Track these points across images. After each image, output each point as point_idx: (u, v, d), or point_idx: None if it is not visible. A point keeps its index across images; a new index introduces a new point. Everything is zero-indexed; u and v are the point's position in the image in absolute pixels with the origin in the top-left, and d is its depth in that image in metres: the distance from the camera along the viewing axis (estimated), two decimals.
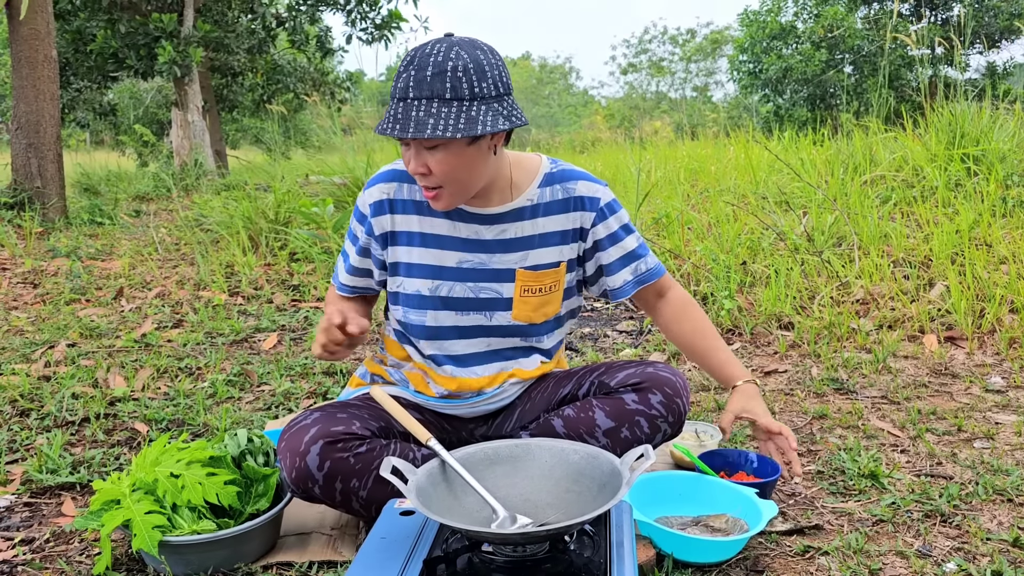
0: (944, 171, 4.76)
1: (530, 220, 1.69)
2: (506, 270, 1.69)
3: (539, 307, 1.71)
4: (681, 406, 1.65)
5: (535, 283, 1.70)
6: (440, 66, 1.44)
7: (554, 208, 1.70)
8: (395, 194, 1.71)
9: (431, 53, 1.46)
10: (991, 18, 17.38)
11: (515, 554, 1.27)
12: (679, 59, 41.64)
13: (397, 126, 1.45)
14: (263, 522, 1.59)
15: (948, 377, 2.77)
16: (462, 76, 1.45)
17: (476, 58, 1.47)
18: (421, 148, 1.50)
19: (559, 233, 1.71)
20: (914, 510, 1.82)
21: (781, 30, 19.35)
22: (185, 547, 1.53)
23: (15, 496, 1.99)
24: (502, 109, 1.50)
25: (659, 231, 4.75)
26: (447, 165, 1.50)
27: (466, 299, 1.69)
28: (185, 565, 1.55)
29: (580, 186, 1.71)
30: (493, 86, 1.48)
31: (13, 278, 4.64)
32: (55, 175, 6.72)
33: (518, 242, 1.69)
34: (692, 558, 1.58)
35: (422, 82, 1.45)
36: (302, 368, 2.97)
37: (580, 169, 1.75)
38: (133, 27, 10.49)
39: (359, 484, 1.56)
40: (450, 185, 1.54)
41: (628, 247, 1.77)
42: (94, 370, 2.92)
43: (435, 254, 1.69)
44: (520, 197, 1.68)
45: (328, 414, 1.61)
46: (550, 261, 1.71)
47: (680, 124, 14.98)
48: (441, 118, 1.44)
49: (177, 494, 1.56)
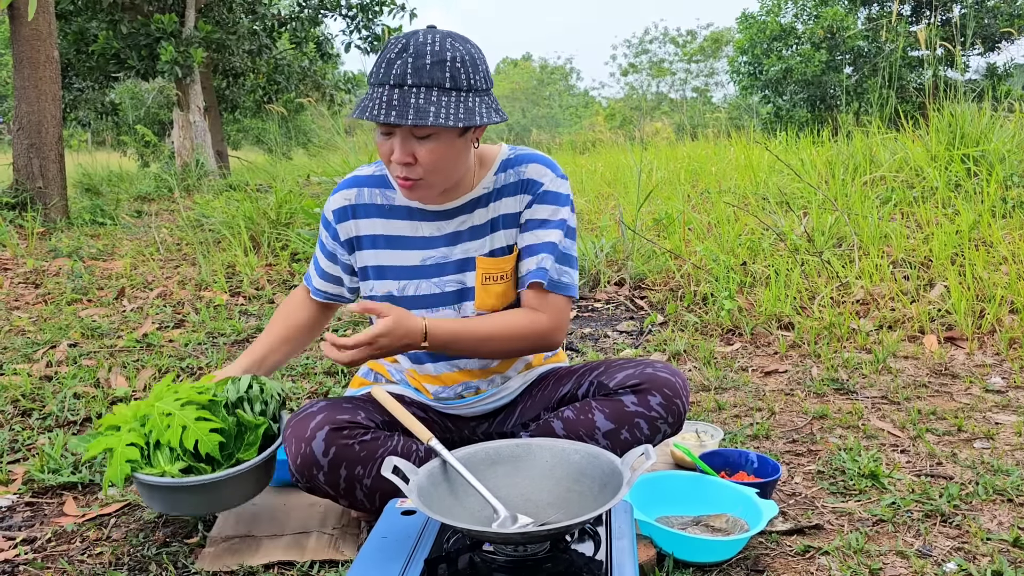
0: (944, 172, 4.76)
1: (487, 207, 1.68)
2: (468, 259, 1.69)
3: (501, 295, 1.69)
4: (680, 407, 1.65)
5: (495, 270, 1.68)
6: (439, 55, 1.44)
7: (507, 191, 1.68)
8: (356, 199, 1.72)
9: (426, 42, 1.45)
10: (991, 19, 17.37)
11: (516, 554, 1.28)
12: (679, 60, 41.63)
13: (393, 112, 1.43)
14: (230, 474, 1.57)
15: (948, 377, 2.78)
16: (460, 67, 1.45)
17: (468, 50, 1.48)
18: (411, 137, 1.49)
19: (512, 216, 1.68)
20: (914, 510, 1.82)
21: (781, 31, 19.34)
22: (154, 487, 1.54)
23: (17, 496, 2.00)
24: (491, 102, 1.52)
25: (659, 231, 4.75)
26: (436, 155, 1.50)
27: (434, 295, 1.70)
28: (160, 504, 1.58)
29: (530, 168, 1.67)
30: (483, 79, 1.50)
31: (15, 278, 4.64)
32: (57, 175, 6.73)
33: (478, 229, 1.68)
34: (692, 558, 1.58)
35: (421, 69, 1.43)
36: (303, 368, 2.97)
37: (538, 154, 1.71)
38: (135, 28, 10.49)
39: (364, 472, 1.57)
40: (432, 175, 1.53)
41: (543, 239, 1.65)
42: (96, 370, 2.92)
43: (400, 255, 1.70)
44: (478, 186, 1.67)
45: (334, 403, 1.63)
46: (503, 245, 1.69)
47: (681, 125, 14.98)
48: (442, 107, 1.44)
49: (163, 432, 1.57)
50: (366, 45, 12.76)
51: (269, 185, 6.68)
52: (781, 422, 2.42)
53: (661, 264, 4.20)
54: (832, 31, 17.92)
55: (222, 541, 1.72)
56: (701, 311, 3.62)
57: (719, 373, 2.87)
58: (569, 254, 1.68)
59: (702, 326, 3.45)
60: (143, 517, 1.86)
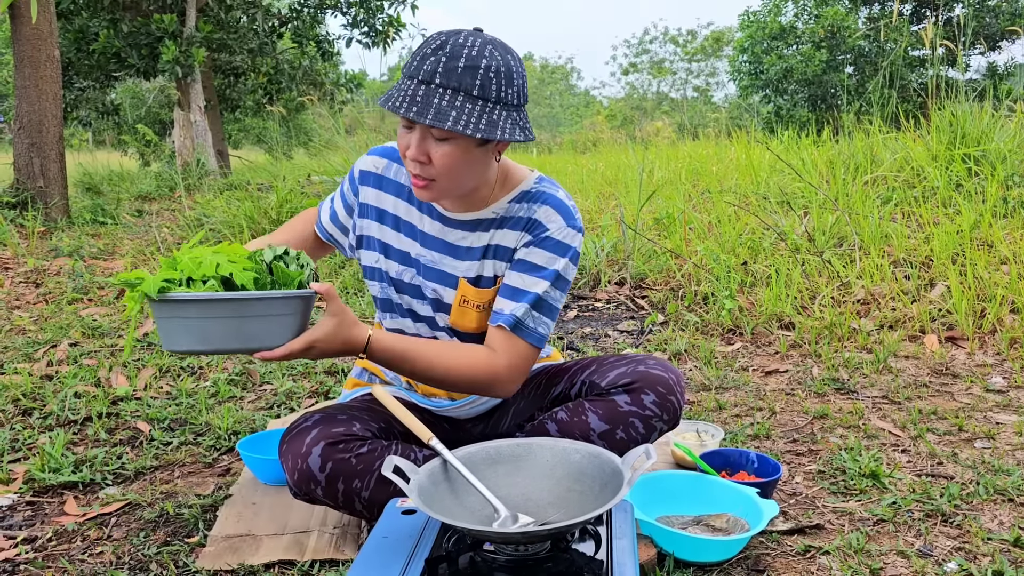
0: (945, 171, 4.76)
1: (488, 232, 1.62)
2: (452, 276, 1.65)
3: (477, 320, 1.65)
4: (675, 403, 1.63)
5: (474, 298, 1.63)
6: (473, 60, 1.40)
7: (512, 225, 1.61)
8: (384, 171, 1.70)
9: (464, 44, 1.41)
10: (992, 18, 17.37)
11: (517, 553, 1.28)
12: (680, 60, 41.63)
13: (414, 108, 1.39)
14: (265, 295, 1.42)
15: (949, 377, 2.78)
16: (492, 77, 1.41)
17: (507, 62, 1.43)
18: (428, 136, 1.45)
19: (503, 249, 1.62)
20: (915, 510, 1.82)
21: (781, 31, 19.33)
22: (184, 304, 1.39)
23: (17, 495, 2.00)
24: (519, 119, 1.46)
25: (660, 231, 4.75)
26: (451, 159, 1.45)
27: (420, 288, 1.69)
28: (185, 331, 1.42)
29: (541, 211, 1.60)
30: (516, 95, 1.45)
31: (16, 277, 4.64)
32: (57, 175, 6.73)
33: (471, 252, 1.64)
34: (693, 557, 1.58)
35: (452, 72, 1.39)
36: (304, 367, 2.97)
37: (558, 198, 1.61)
38: (135, 27, 10.49)
39: (361, 485, 1.56)
40: (444, 180, 1.49)
41: (528, 286, 1.59)
42: (96, 369, 2.92)
43: (401, 239, 1.68)
44: (489, 208, 1.62)
45: (329, 416, 1.61)
46: (490, 276, 1.64)
47: (681, 124, 14.98)
48: (464, 113, 1.39)
49: (195, 269, 1.45)
50: (367, 40, 12.75)
51: (270, 184, 6.68)
52: (782, 422, 2.42)
53: (662, 263, 4.20)
54: (833, 30, 17.91)
55: (222, 540, 1.72)
56: (702, 311, 3.61)
57: (720, 373, 2.87)
58: (553, 304, 1.60)
59: (703, 325, 3.45)
60: (144, 516, 1.87)
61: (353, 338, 1.49)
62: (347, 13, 12.55)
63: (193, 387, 2.77)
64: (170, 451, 2.25)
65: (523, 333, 1.58)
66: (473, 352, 1.59)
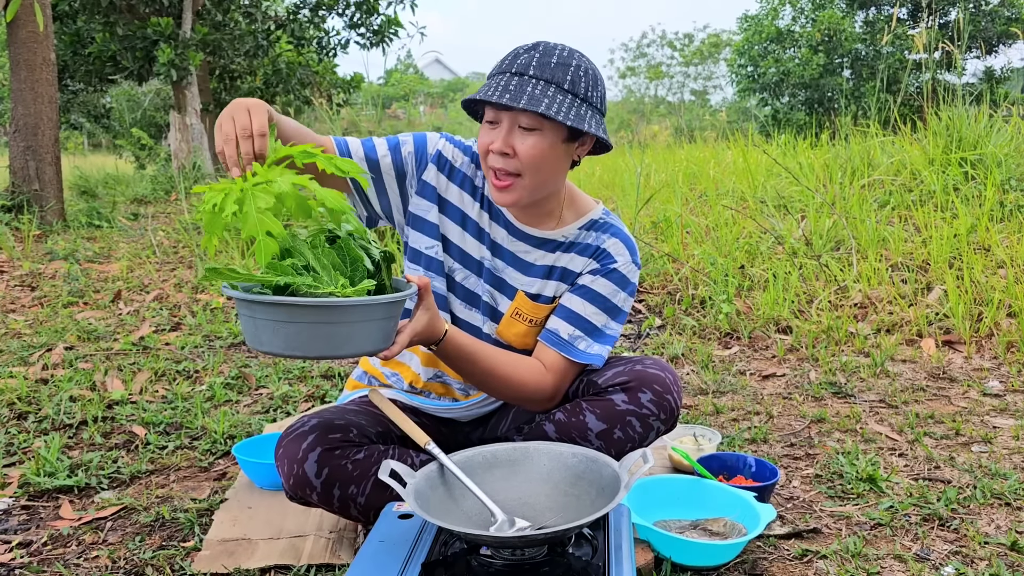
0: (942, 175, 4.77)
1: (554, 253, 1.68)
2: (512, 287, 1.69)
3: (523, 336, 1.70)
4: (672, 402, 1.64)
5: (529, 312, 1.69)
6: (565, 60, 1.49)
7: (579, 250, 1.68)
8: (460, 164, 1.69)
9: (556, 46, 1.51)
10: (988, 23, 17.41)
11: (513, 557, 1.27)
12: (677, 64, 41.68)
13: (507, 95, 1.45)
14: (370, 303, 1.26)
15: (946, 381, 2.78)
16: (583, 75, 1.49)
17: (594, 68, 1.53)
18: (515, 128, 1.50)
19: (569, 273, 1.69)
20: (912, 514, 1.82)
21: (779, 34, 19.37)
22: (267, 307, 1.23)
23: (13, 499, 1.99)
24: (602, 123, 1.55)
25: (658, 234, 4.75)
26: (536, 151, 1.50)
27: (476, 294, 1.70)
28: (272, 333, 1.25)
29: (611, 242, 1.68)
30: (600, 99, 1.53)
31: (11, 281, 4.63)
32: (53, 178, 6.72)
33: (536, 269, 1.69)
34: (690, 561, 1.58)
35: (545, 65, 1.48)
36: (300, 371, 2.96)
37: (626, 233, 1.71)
38: (131, 30, 10.48)
39: (357, 490, 1.56)
40: (529, 175, 1.52)
41: (590, 315, 1.65)
42: (92, 373, 2.92)
43: (466, 239, 1.69)
44: (558, 230, 1.68)
45: (325, 420, 1.61)
46: (549, 295, 1.70)
47: (679, 128, 15.00)
48: (555, 102, 1.46)
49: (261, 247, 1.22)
50: (365, 41, 12.74)
51: None
52: (779, 426, 2.42)
53: (659, 267, 4.20)
54: (830, 34, 17.95)
55: (218, 544, 1.71)
56: (699, 314, 3.61)
57: (717, 377, 2.86)
58: (609, 335, 1.68)
59: (700, 329, 3.45)
60: (139, 520, 1.86)
61: (436, 331, 1.52)
62: (344, 15, 12.54)
63: (189, 391, 2.77)
64: (166, 455, 2.25)
65: (575, 355, 1.65)
66: (530, 367, 1.64)
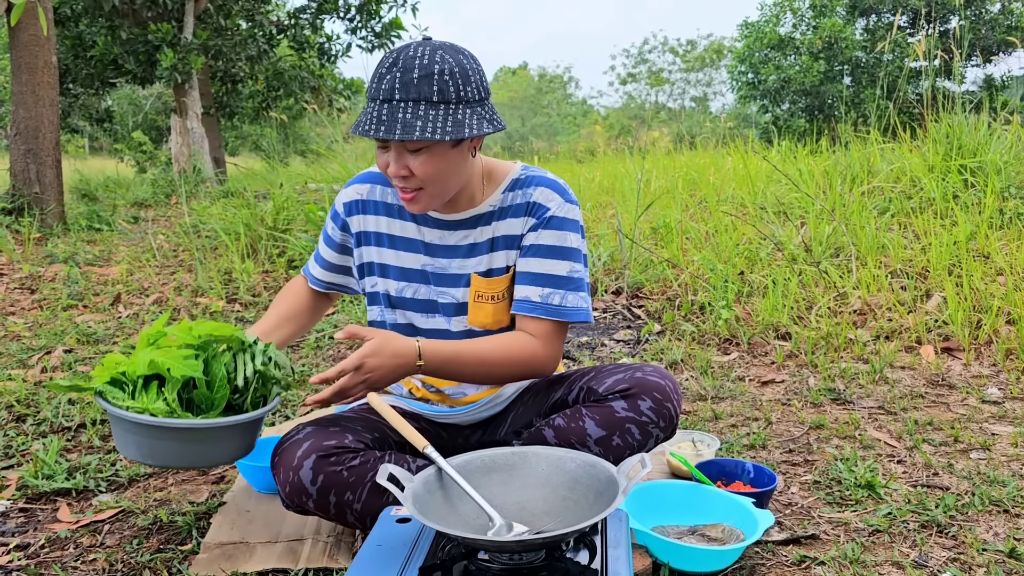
0: (942, 182, 4.77)
1: (490, 225, 1.69)
2: (463, 275, 1.70)
3: (494, 314, 1.70)
4: (672, 411, 1.64)
5: (487, 290, 1.69)
6: (426, 69, 1.45)
7: (512, 212, 1.68)
8: (368, 195, 1.75)
9: (415, 56, 1.46)
10: (989, 30, 17.44)
11: (511, 562, 1.27)
12: (679, 71, 41.74)
13: (382, 127, 1.45)
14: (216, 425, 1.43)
15: (945, 388, 2.78)
16: (448, 80, 1.46)
17: (460, 62, 1.48)
18: (403, 150, 1.51)
19: (510, 238, 1.68)
20: (910, 520, 1.82)
21: (780, 41, 19.40)
22: (125, 421, 1.44)
23: (10, 502, 1.99)
24: (484, 113, 1.52)
25: (657, 240, 4.76)
26: (430, 167, 1.52)
27: (430, 301, 1.72)
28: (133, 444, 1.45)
29: (538, 192, 1.67)
30: (476, 90, 1.50)
31: (11, 283, 4.63)
32: (53, 181, 6.72)
33: (477, 247, 1.70)
34: (688, 567, 1.58)
35: (408, 84, 1.45)
36: (299, 376, 2.96)
37: (549, 177, 1.69)
38: (133, 34, 10.49)
39: (353, 497, 1.56)
40: (431, 187, 1.55)
41: (549, 269, 1.65)
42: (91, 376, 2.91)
43: (401, 256, 1.72)
44: (484, 203, 1.69)
45: (321, 428, 1.61)
46: (501, 266, 1.70)
47: (679, 134, 15.01)
48: (428, 120, 1.45)
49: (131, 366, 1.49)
50: (367, 45, 12.75)
51: (267, 192, 6.68)
52: (778, 432, 2.42)
53: (659, 273, 4.21)
54: (830, 41, 17.98)
55: (216, 547, 1.71)
56: (698, 320, 3.62)
57: (716, 382, 2.86)
58: (577, 279, 1.66)
59: (699, 335, 3.45)
60: (137, 524, 1.86)
61: (403, 348, 1.53)
62: (344, 18, 12.55)
63: None
64: None
65: (555, 314, 1.64)
66: (518, 340, 1.64)
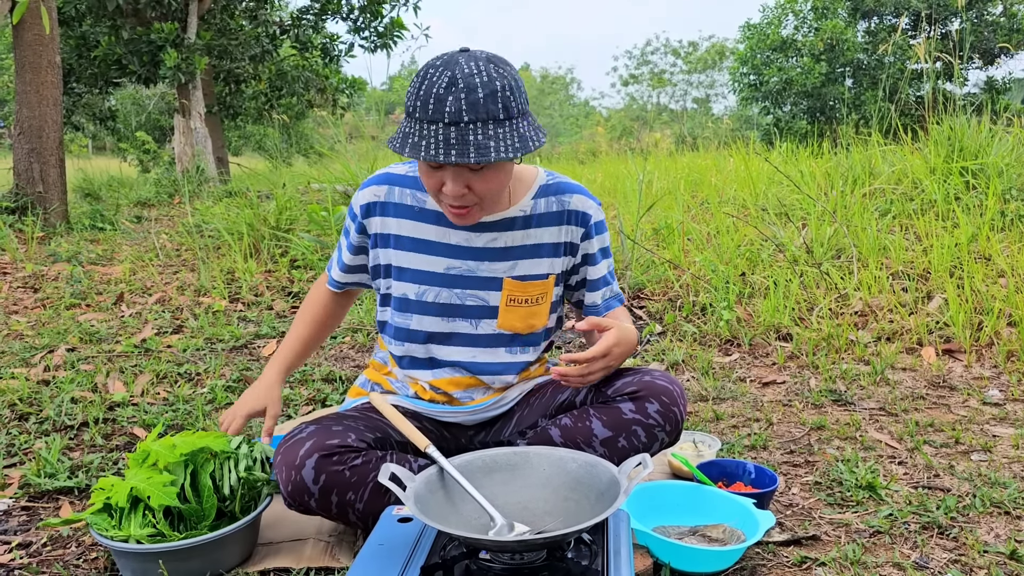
0: (943, 184, 4.78)
1: (522, 230, 1.70)
2: (494, 278, 1.70)
3: (525, 318, 1.73)
4: (678, 415, 1.64)
5: (521, 293, 1.71)
6: (489, 87, 1.41)
7: (547, 220, 1.71)
8: (386, 197, 1.72)
9: (472, 73, 1.41)
10: (990, 33, 17.43)
11: (512, 562, 1.28)
12: (681, 72, 41.74)
13: (453, 152, 1.40)
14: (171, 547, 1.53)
15: (946, 389, 2.78)
16: (509, 95, 1.43)
17: (512, 74, 1.47)
18: (465, 170, 1.47)
19: (551, 245, 1.72)
20: (911, 522, 1.82)
21: (782, 43, 19.39)
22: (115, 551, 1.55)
23: (13, 500, 1.99)
24: (534, 121, 1.52)
25: (659, 241, 4.76)
26: (493, 183, 1.51)
27: (452, 305, 1.71)
28: (132, 573, 1.56)
29: (575, 200, 1.72)
30: (525, 100, 1.50)
31: (14, 282, 4.64)
32: (57, 180, 6.73)
33: (508, 251, 1.70)
34: (689, 568, 1.58)
35: (476, 104, 1.40)
36: (301, 375, 2.97)
37: (576, 183, 1.76)
38: (137, 34, 10.51)
39: (355, 497, 1.56)
40: (487, 200, 1.55)
41: (604, 270, 1.81)
42: (93, 375, 2.92)
43: (423, 259, 1.71)
44: (513, 207, 1.69)
45: (323, 427, 1.61)
46: (539, 272, 1.72)
47: (681, 135, 15.01)
48: (500, 140, 1.42)
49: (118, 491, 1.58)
50: (370, 45, 12.75)
51: (270, 192, 6.68)
52: (779, 433, 2.42)
53: (660, 274, 4.21)
54: (832, 43, 17.97)
55: None
56: (700, 321, 3.62)
57: (717, 383, 2.87)
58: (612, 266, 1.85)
59: (700, 336, 3.45)
60: None
61: (633, 336, 1.66)
62: (348, 18, 12.56)
63: (190, 393, 2.77)
64: None
65: (621, 300, 1.85)
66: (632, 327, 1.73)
